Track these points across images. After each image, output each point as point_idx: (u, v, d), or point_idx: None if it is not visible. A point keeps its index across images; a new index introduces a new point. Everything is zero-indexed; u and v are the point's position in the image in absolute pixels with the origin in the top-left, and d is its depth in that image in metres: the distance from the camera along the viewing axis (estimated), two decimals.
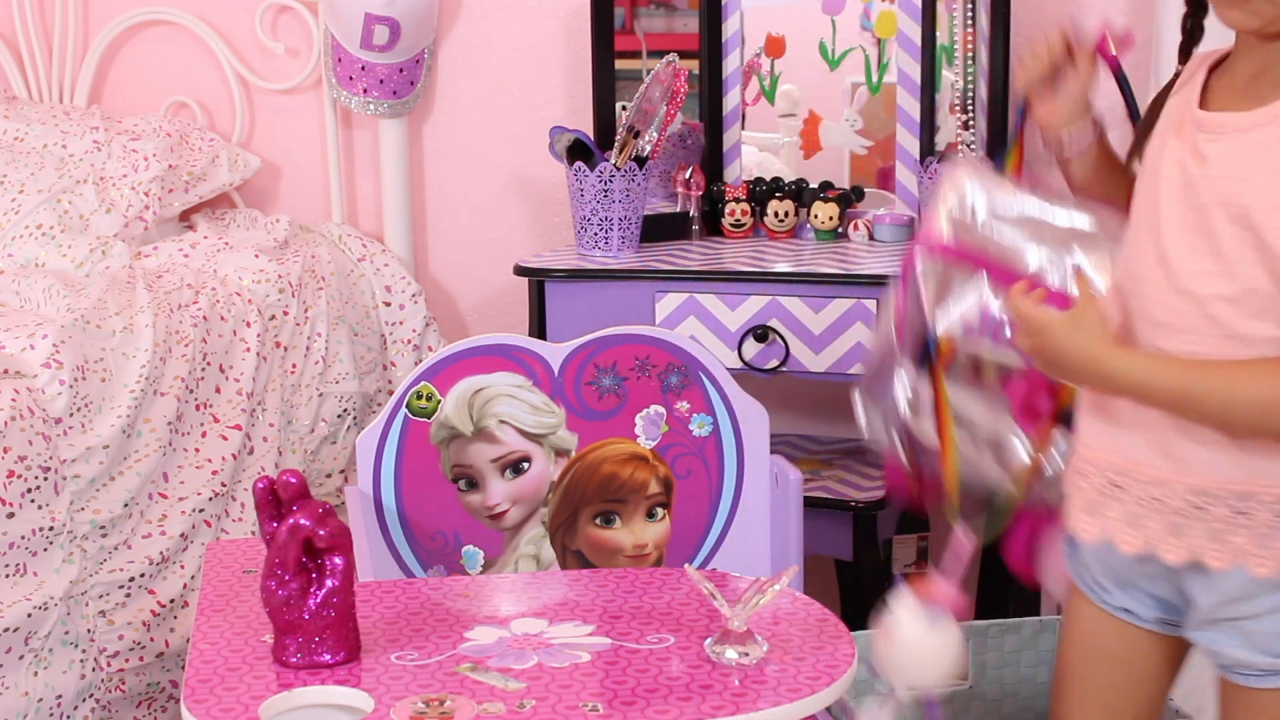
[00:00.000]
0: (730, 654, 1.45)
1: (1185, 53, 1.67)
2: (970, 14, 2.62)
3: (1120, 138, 1.79)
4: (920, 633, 1.53)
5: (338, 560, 1.45)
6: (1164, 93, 1.65)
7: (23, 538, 2.10)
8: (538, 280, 2.58)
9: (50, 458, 2.17)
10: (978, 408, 1.73)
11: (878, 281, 2.48)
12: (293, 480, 1.46)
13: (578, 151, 2.66)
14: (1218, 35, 1.63)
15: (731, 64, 2.80)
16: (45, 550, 2.16)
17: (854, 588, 2.64)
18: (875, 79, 2.74)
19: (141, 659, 2.32)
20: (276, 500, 1.48)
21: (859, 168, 2.80)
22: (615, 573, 1.71)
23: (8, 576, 2.08)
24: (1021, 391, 1.69)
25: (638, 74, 2.83)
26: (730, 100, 2.80)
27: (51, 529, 2.16)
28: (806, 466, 2.70)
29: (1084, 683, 1.72)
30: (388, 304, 2.97)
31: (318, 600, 1.45)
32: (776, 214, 2.77)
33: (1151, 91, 2.57)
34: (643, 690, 1.41)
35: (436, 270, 3.17)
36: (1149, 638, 1.66)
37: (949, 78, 2.67)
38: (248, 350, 2.59)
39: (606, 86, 2.77)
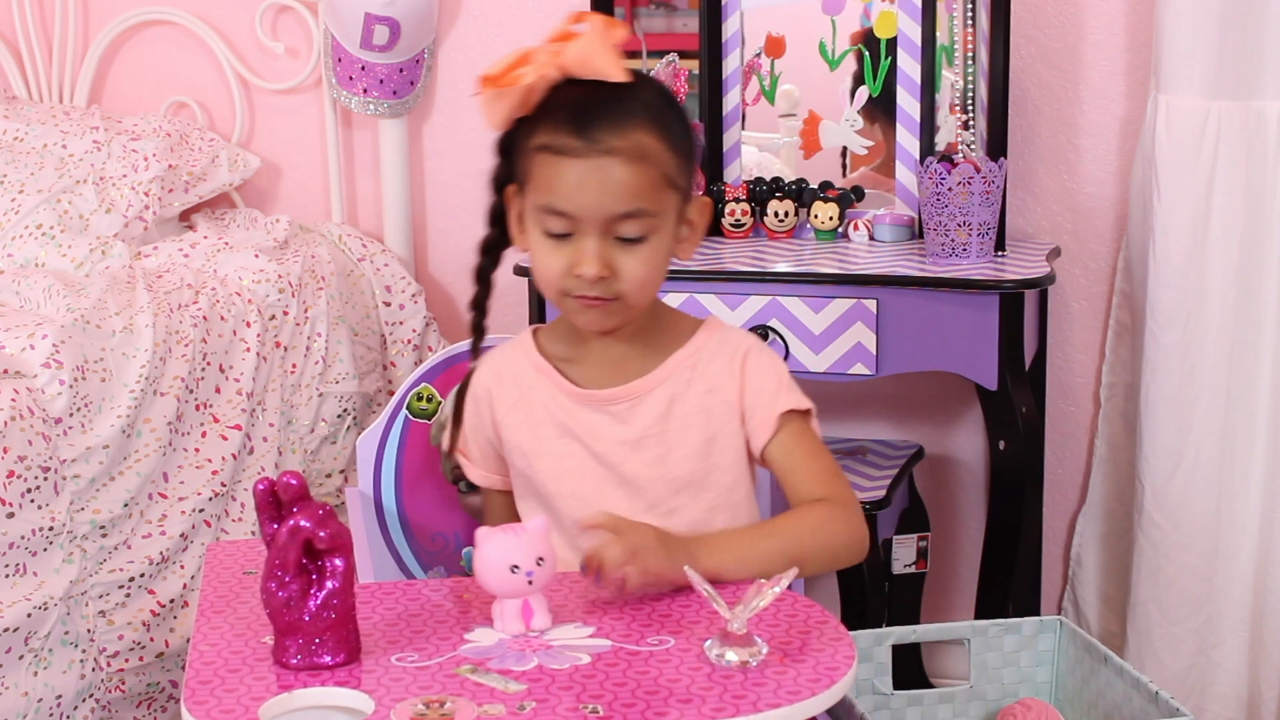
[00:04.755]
0: (730, 656, 1.45)
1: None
2: (970, 14, 2.62)
3: None
4: None
5: (338, 562, 1.45)
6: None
7: (23, 538, 2.10)
8: None
9: (50, 458, 2.17)
10: None
11: (878, 281, 2.48)
12: (293, 482, 1.45)
13: None
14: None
15: (731, 64, 2.80)
16: (45, 550, 2.16)
17: (854, 589, 2.64)
18: (875, 79, 2.74)
19: (141, 659, 2.32)
20: (277, 501, 1.48)
21: (859, 168, 2.80)
22: (616, 574, 1.70)
23: (8, 576, 2.09)
24: None
25: None
26: (730, 100, 2.80)
27: (51, 529, 2.16)
28: None
29: None
30: (388, 304, 2.97)
31: (318, 602, 1.44)
32: (776, 214, 2.77)
33: (1150, 92, 2.59)
34: (643, 692, 1.41)
35: (436, 270, 3.17)
36: None
37: (949, 78, 2.67)
38: (248, 350, 2.59)
39: None
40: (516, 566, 1.52)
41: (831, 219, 2.74)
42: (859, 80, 2.75)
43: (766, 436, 1.75)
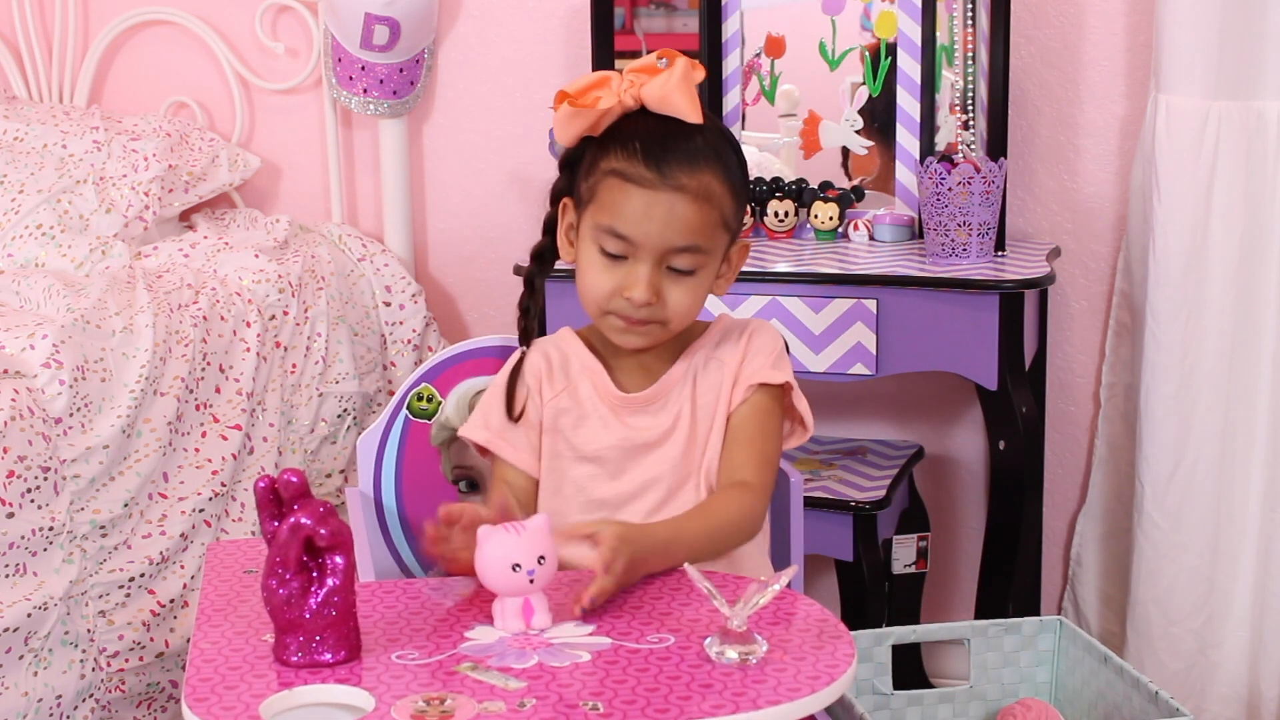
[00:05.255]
0: (730, 654, 1.45)
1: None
2: (970, 14, 2.62)
3: None
4: None
5: (339, 559, 1.45)
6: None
7: (23, 538, 2.10)
8: None
9: (50, 458, 2.17)
10: None
11: (878, 281, 2.48)
12: (294, 479, 1.45)
13: None
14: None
15: (731, 64, 2.80)
16: (45, 550, 2.16)
17: (854, 588, 2.64)
18: (875, 79, 2.74)
19: (141, 659, 2.32)
20: (277, 499, 1.48)
21: (859, 168, 2.80)
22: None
23: (8, 576, 2.08)
24: None
25: None
26: (730, 100, 2.80)
27: (51, 529, 2.16)
28: (806, 466, 2.70)
29: None
30: (388, 304, 2.97)
31: (318, 599, 1.44)
32: (776, 214, 2.77)
33: (1150, 92, 2.59)
34: (643, 689, 1.41)
35: (436, 270, 3.17)
36: None
37: (949, 78, 2.67)
38: (248, 350, 2.59)
39: None
40: (518, 565, 1.52)
41: (831, 219, 2.74)
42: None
43: (738, 401, 1.83)
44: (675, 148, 1.74)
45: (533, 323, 1.92)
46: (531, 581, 1.53)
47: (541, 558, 1.53)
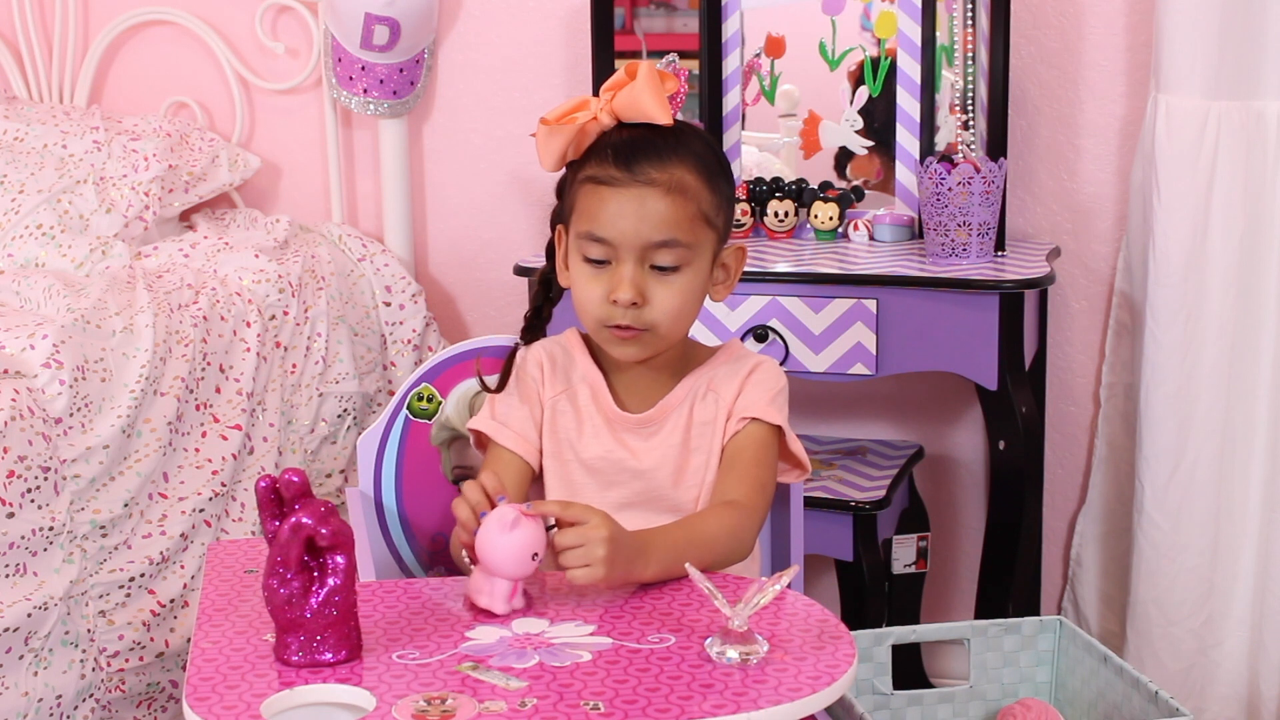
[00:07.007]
0: (731, 654, 1.45)
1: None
2: (970, 14, 2.62)
3: None
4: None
5: (340, 559, 1.45)
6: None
7: (23, 538, 2.10)
8: None
9: (50, 458, 2.17)
10: None
11: (878, 281, 2.48)
12: (295, 479, 1.45)
13: None
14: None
15: (731, 64, 2.80)
16: (45, 550, 2.16)
17: (854, 588, 2.64)
18: (875, 79, 2.74)
19: (141, 659, 2.32)
20: (278, 499, 1.48)
21: (859, 168, 2.81)
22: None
23: (8, 576, 2.08)
24: None
25: None
26: (730, 100, 2.80)
27: (51, 529, 2.16)
28: None
29: None
30: (388, 304, 2.97)
31: (319, 599, 1.45)
32: (776, 214, 2.77)
33: (1150, 92, 2.59)
34: (644, 689, 1.41)
35: (436, 270, 3.17)
36: None
37: (949, 78, 2.68)
38: (248, 350, 2.59)
39: None
40: (536, 554, 1.57)
41: (831, 219, 2.74)
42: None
43: (731, 433, 1.83)
44: (644, 147, 1.76)
45: (536, 335, 1.92)
46: (537, 567, 1.59)
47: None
